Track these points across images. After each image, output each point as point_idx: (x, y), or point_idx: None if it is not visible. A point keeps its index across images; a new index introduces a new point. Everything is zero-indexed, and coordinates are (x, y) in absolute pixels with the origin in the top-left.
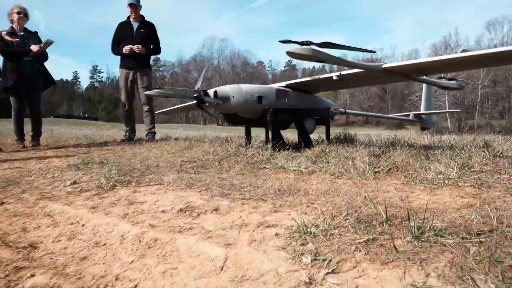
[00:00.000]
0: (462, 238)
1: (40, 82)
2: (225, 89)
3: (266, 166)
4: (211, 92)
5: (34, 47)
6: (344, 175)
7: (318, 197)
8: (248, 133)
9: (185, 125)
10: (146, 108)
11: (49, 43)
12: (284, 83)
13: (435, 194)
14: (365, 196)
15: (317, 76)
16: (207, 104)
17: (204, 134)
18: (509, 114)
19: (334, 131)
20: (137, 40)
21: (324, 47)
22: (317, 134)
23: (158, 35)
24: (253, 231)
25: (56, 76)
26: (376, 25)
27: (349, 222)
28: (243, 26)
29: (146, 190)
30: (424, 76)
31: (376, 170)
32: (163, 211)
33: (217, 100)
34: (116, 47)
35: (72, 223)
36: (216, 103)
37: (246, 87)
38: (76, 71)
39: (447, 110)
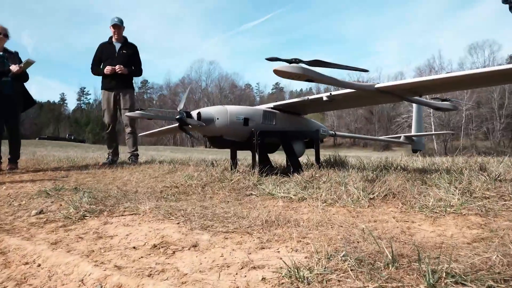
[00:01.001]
0: (489, 287)
1: (20, 103)
2: (209, 111)
3: (253, 193)
4: (194, 113)
5: (14, 67)
6: (337, 203)
7: (310, 229)
8: (234, 157)
9: (173, 148)
10: (128, 129)
11: (29, 63)
12: (271, 104)
13: (438, 224)
14: (363, 229)
15: (306, 97)
16: (190, 126)
17: (190, 157)
18: (493, 135)
19: (324, 154)
20: (119, 60)
21: (313, 66)
22: (306, 157)
23: (143, 57)
24: (236, 274)
25: (43, 98)
26: (362, 48)
27: (348, 263)
28: (231, 49)
29: (118, 221)
30: (418, 97)
31: (371, 196)
32: (134, 247)
33: (200, 122)
34: (96, 67)
35: (26, 263)
36: (199, 125)
37: (231, 108)
38: (63, 93)
39: (437, 132)
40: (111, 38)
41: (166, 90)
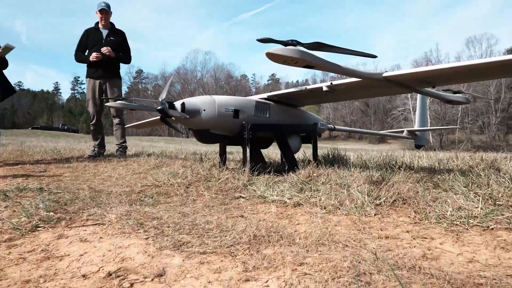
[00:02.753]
0: None
1: None
2: (194, 101)
3: (242, 195)
4: (178, 104)
5: None
6: (339, 210)
7: (309, 250)
8: (222, 153)
9: (167, 138)
10: (116, 120)
11: (8, 48)
12: (265, 95)
13: (464, 242)
14: (375, 252)
15: (303, 87)
16: (173, 118)
17: (182, 149)
18: (488, 129)
19: (321, 147)
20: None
21: (314, 49)
22: (302, 152)
23: (138, 47)
24: None
25: (37, 87)
26: (358, 41)
27: None
28: (227, 40)
29: (77, 233)
30: (430, 88)
31: (378, 202)
32: (84, 275)
33: (184, 114)
34: (80, 54)
35: None
36: (183, 118)
37: (220, 99)
38: (57, 82)
39: (443, 127)
40: (97, 24)
41: (161, 80)
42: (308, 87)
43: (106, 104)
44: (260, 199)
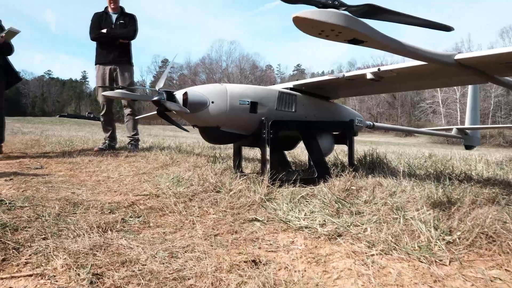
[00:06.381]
0: None
1: (1, 78)
2: (200, 91)
3: (258, 217)
4: (179, 94)
5: None
6: (395, 250)
7: None
8: (237, 156)
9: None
10: (127, 111)
11: (12, 32)
12: (290, 84)
13: None
14: None
15: (340, 74)
16: (174, 112)
17: (199, 142)
18: None
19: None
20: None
21: (365, 16)
22: (333, 153)
23: (163, 36)
24: None
25: (65, 76)
26: (387, 29)
27: None
28: (252, 29)
29: None
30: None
31: (450, 239)
32: None
33: (184, 108)
34: (95, 30)
35: None
36: (184, 112)
37: (232, 88)
38: (84, 71)
39: (501, 125)
40: (106, 8)
41: (186, 69)
42: (346, 74)
43: (103, 93)
44: (282, 224)
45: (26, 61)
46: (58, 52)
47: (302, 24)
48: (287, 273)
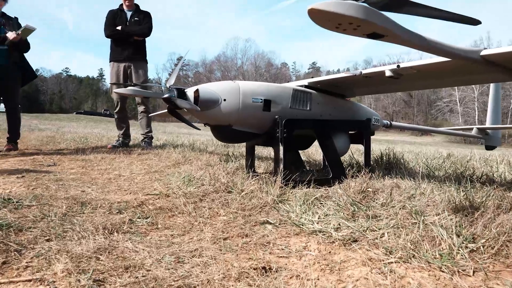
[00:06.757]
0: None
1: (17, 75)
2: (212, 88)
3: (269, 220)
4: (190, 91)
5: (10, 34)
6: (414, 258)
7: None
8: (249, 155)
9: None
10: (141, 108)
11: (29, 30)
12: (305, 81)
13: None
14: None
15: (357, 71)
16: (185, 109)
17: (213, 139)
18: None
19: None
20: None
21: (386, 9)
22: (349, 153)
23: (178, 34)
24: None
25: (82, 73)
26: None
27: None
28: (267, 28)
29: None
30: None
31: (473, 247)
32: None
33: (195, 106)
34: (110, 27)
35: None
36: (195, 110)
37: (245, 85)
38: (101, 68)
39: None
40: (121, 5)
41: (201, 67)
42: (364, 71)
43: (114, 90)
44: (295, 228)
45: (45, 59)
46: (76, 50)
47: (317, 16)
48: (298, 282)
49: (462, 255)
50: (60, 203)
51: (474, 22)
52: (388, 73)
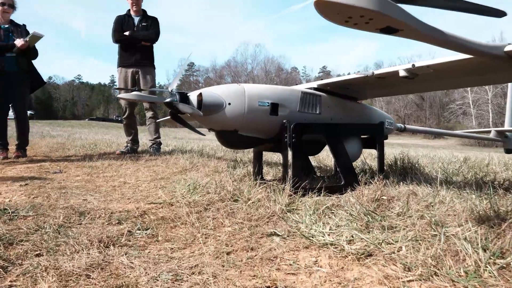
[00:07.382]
0: None
1: (26, 82)
2: (216, 92)
3: (277, 231)
4: (193, 96)
5: (19, 42)
6: (436, 276)
7: None
8: (256, 162)
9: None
10: (149, 114)
11: (36, 37)
12: (314, 84)
13: None
14: None
15: (369, 71)
16: (189, 115)
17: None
18: None
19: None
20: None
21: (402, 1)
22: (361, 158)
23: (188, 40)
24: None
25: (94, 80)
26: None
27: None
28: (277, 32)
29: None
30: None
31: (503, 263)
32: None
33: (197, 111)
34: (118, 33)
35: None
36: (198, 115)
37: (251, 88)
38: (113, 75)
39: None
40: (129, 11)
41: (212, 72)
42: (376, 71)
43: (118, 95)
44: (304, 240)
45: (57, 66)
46: (88, 57)
47: (325, 9)
48: None
49: (490, 273)
50: (57, 213)
51: (499, 13)
52: (402, 73)
